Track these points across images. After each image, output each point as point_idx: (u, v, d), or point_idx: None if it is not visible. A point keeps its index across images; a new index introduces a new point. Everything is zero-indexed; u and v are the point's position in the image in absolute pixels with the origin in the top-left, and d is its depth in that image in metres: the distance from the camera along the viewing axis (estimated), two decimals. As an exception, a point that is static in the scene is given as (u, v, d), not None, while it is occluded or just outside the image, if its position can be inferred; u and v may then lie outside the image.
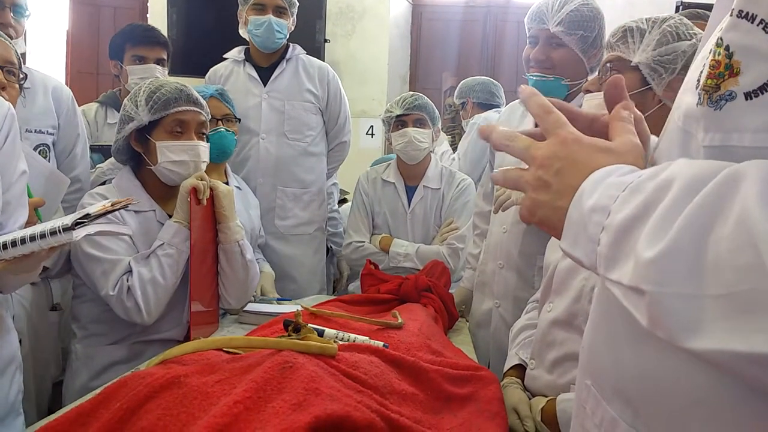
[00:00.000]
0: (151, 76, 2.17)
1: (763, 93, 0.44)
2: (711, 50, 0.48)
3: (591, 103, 1.32)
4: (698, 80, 0.50)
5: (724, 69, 0.47)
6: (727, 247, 0.39)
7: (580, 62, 1.69)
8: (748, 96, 0.45)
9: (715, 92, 0.47)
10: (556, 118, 0.59)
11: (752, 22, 0.45)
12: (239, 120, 2.11)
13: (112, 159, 1.99)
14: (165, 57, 2.27)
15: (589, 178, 0.53)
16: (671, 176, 0.46)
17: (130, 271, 1.49)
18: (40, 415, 1.68)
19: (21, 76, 1.47)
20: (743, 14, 0.45)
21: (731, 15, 0.47)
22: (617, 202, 0.48)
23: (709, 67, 0.48)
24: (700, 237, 0.41)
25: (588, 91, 1.35)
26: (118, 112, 2.24)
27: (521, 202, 0.60)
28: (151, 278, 1.48)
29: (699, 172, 0.44)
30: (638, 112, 0.64)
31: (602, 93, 1.29)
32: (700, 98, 0.49)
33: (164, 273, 1.50)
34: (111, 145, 2.02)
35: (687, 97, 0.52)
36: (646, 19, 1.27)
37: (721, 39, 0.47)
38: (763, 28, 0.44)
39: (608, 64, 1.31)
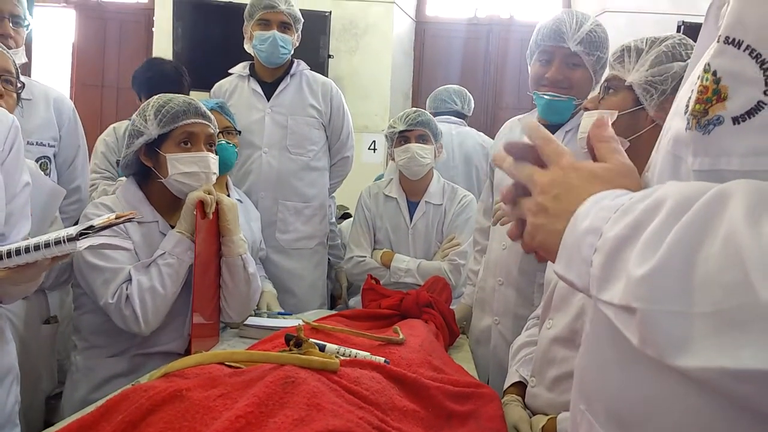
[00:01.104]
0: None
1: (750, 117, 0.45)
2: (699, 76, 0.49)
3: (588, 120, 1.33)
4: (687, 105, 0.51)
5: (712, 94, 0.48)
6: (715, 265, 0.40)
7: (590, 82, 1.70)
8: (735, 120, 0.46)
9: (703, 117, 0.48)
10: (555, 147, 0.61)
11: (739, 48, 0.46)
12: (239, 132, 2.12)
13: None
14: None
15: (584, 203, 0.54)
16: (661, 197, 0.47)
17: (130, 280, 1.49)
18: (30, 430, 1.65)
19: (18, 85, 1.48)
20: (730, 40, 0.47)
21: (718, 41, 0.48)
22: (608, 224, 0.49)
23: (698, 93, 0.49)
24: (689, 255, 0.42)
25: (586, 109, 1.36)
26: None
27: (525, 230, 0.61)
28: (150, 287, 1.48)
29: (688, 193, 0.45)
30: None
31: (598, 112, 1.30)
32: (688, 123, 0.50)
33: (164, 282, 1.50)
34: None
35: (676, 122, 0.53)
36: (646, 39, 1.28)
37: (709, 65, 0.48)
38: (750, 54, 0.45)
39: (605, 83, 1.32)
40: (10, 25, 1.84)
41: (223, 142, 1.98)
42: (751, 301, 0.38)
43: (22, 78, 1.53)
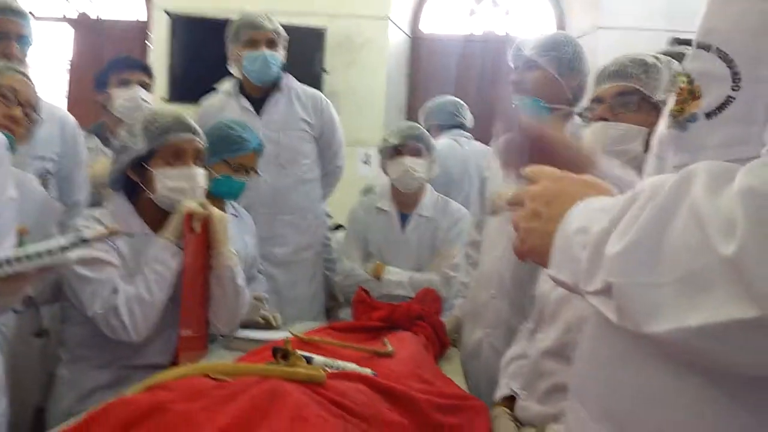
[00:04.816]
0: (136, 98, 2.24)
1: (721, 111, 0.49)
2: (676, 81, 0.55)
3: (597, 130, 1.32)
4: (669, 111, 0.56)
5: (688, 94, 0.52)
6: (680, 236, 0.43)
7: (557, 84, 1.74)
8: (708, 116, 0.50)
9: (680, 115, 0.53)
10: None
11: (708, 51, 0.50)
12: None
13: None
14: (147, 81, 2.34)
15: (574, 207, 0.57)
16: (639, 190, 0.50)
17: (117, 291, 1.48)
18: (18, 442, 1.62)
19: (36, 118, 1.49)
20: (701, 45, 0.51)
21: (691, 47, 0.53)
22: (594, 222, 0.53)
23: (676, 95, 0.54)
24: (657, 231, 0.45)
25: (603, 119, 1.33)
26: (99, 139, 2.31)
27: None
28: (137, 295, 1.48)
29: (660, 182, 0.48)
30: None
31: (626, 126, 1.28)
32: (668, 123, 0.55)
33: (150, 289, 1.49)
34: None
35: (659, 127, 0.58)
36: (654, 56, 1.29)
37: (684, 69, 0.54)
38: (718, 55, 0.50)
39: (625, 96, 1.28)
40: (16, 45, 1.85)
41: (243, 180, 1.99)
42: (712, 260, 0.41)
43: None
